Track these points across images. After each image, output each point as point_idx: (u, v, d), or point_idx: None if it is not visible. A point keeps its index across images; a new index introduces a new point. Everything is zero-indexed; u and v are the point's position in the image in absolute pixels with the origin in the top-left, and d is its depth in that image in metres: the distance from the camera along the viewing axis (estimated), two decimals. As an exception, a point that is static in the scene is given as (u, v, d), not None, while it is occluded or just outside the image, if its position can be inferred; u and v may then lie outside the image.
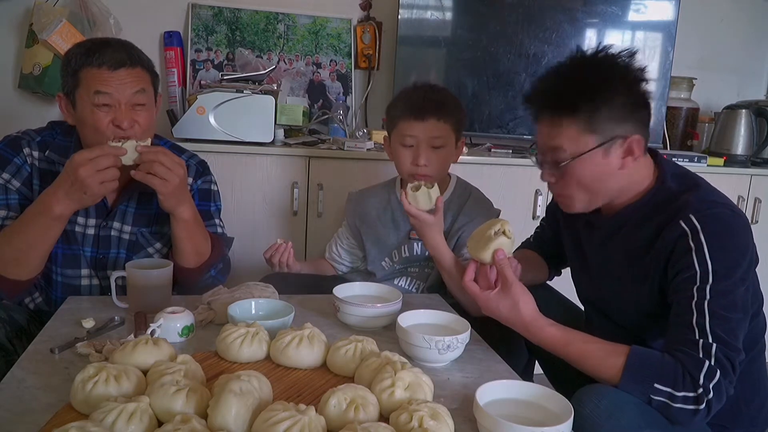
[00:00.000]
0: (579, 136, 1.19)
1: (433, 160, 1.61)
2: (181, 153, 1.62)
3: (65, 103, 1.46)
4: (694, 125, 2.88)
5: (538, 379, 1.31)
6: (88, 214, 1.52)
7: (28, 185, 1.48)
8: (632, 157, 1.20)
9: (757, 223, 2.61)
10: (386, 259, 1.78)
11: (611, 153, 1.20)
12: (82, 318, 1.26)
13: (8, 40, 2.38)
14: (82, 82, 1.40)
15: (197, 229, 1.50)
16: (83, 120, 1.42)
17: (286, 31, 2.60)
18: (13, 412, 0.92)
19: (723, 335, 1.07)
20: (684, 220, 1.14)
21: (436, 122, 1.59)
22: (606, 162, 1.20)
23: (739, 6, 3.02)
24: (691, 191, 1.19)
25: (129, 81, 1.41)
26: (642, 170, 1.25)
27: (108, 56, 1.39)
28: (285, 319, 1.23)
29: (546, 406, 0.97)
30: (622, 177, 1.23)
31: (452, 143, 1.65)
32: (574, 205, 1.28)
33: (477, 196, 1.75)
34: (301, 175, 2.21)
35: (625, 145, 1.20)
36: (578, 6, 2.59)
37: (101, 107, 1.40)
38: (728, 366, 1.07)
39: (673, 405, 1.05)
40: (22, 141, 1.49)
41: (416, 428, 0.86)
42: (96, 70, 1.39)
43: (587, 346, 1.16)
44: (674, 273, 1.15)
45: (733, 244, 1.13)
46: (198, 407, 0.89)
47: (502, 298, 1.22)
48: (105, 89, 1.39)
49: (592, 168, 1.20)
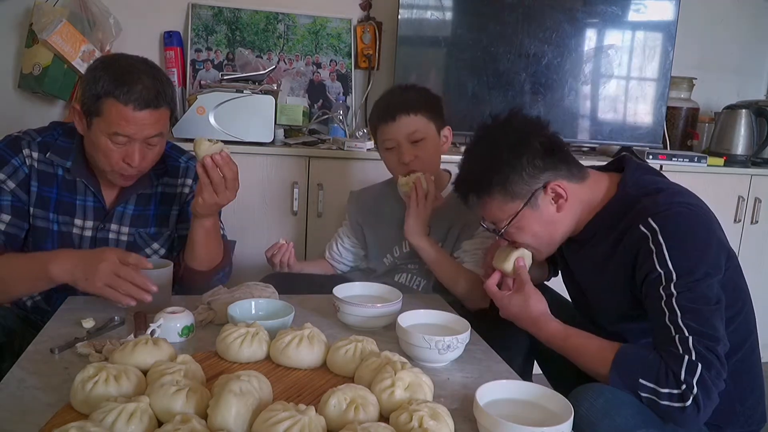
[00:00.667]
0: (504, 205, 1.29)
1: (417, 155, 1.63)
2: (181, 154, 1.62)
3: (79, 117, 1.42)
4: (694, 125, 2.88)
5: (537, 379, 1.32)
6: (86, 216, 1.51)
7: (24, 187, 1.46)
8: (563, 200, 1.27)
9: (757, 223, 2.61)
10: (387, 256, 1.78)
11: (540, 205, 1.27)
12: (82, 318, 1.25)
13: (8, 40, 2.38)
14: (103, 113, 1.36)
15: (215, 235, 1.52)
16: (95, 145, 1.41)
17: (286, 31, 2.60)
18: (13, 412, 0.92)
19: (697, 326, 1.09)
20: (643, 224, 1.18)
21: (407, 117, 1.62)
22: (540, 213, 1.28)
23: (739, 6, 3.02)
24: (650, 195, 1.23)
25: (150, 123, 1.38)
26: (588, 196, 1.30)
27: (137, 94, 1.34)
28: (285, 319, 1.23)
29: (546, 406, 0.97)
30: (566, 216, 1.30)
31: (433, 134, 1.66)
32: (541, 254, 1.37)
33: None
34: (301, 175, 2.21)
35: (549, 193, 1.26)
36: (578, 6, 2.59)
37: (117, 143, 1.38)
38: (710, 357, 1.07)
39: (660, 402, 1.07)
40: (23, 141, 1.47)
41: (416, 428, 0.86)
42: (122, 106, 1.34)
43: (583, 340, 1.22)
44: (642, 277, 1.18)
45: (692, 242, 1.16)
46: (198, 407, 0.89)
47: (515, 296, 1.32)
48: (125, 131, 1.36)
49: (532, 223, 1.29)
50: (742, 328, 1.26)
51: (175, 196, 1.60)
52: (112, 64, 1.39)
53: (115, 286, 1.24)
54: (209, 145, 1.35)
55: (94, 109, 1.37)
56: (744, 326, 1.28)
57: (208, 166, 1.35)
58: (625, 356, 1.13)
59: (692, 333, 1.08)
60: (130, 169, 1.41)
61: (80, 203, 1.51)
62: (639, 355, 1.13)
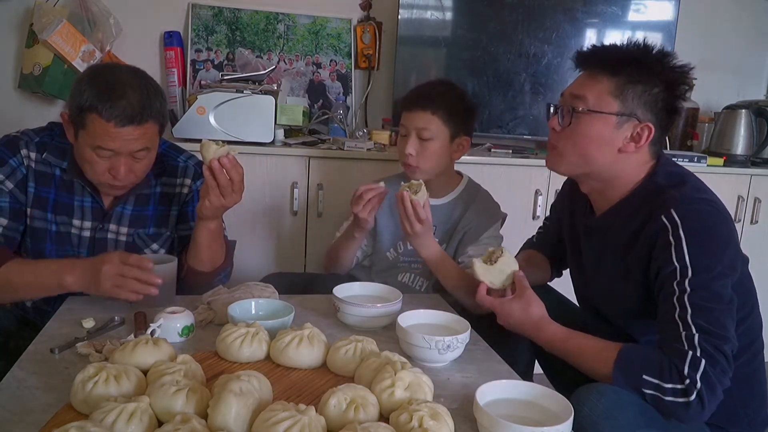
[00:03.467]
0: (606, 95, 1.23)
1: (419, 151, 1.64)
2: (179, 154, 1.62)
3: (67, 125, 1.42)
4: (694, 125, 2.87)
5: (538, 379, 1.31)
6: (84, 216, 1.51)
7: (22, 188, 1.46)
8: (635, 144, 1.23)
9: (757, 223, 2.61)
10: (391, 249, 1.79)
11: (621, 128, 1.23)
12: (82, 318, 1.26)
13: (8, 40, 2.38)
14: (87, 126, 1.35)
15: (219, 237, 1.51)
16: (81, 156, 1.40)
17: (286, 31, 2.60)
18: (13, 412, 0.92)
19: (706, 325, 1.08)
20: (666, 215, 1.16)
21: (423, 113, 1.64)
22: (611, 134, 1.23)
23: (739, 6, 3.02)
24: (677, 187, 1.21)
25: (134, 138, 1.36)
26: (636, 165, 1.27)
27: (119, 110, 1.32)
28: (285, 319, 1.23)
29: (546, 406, 0.97)
30: (615, 158, 1.25)
31: (444, 139, 1.66)
32: (561, 162, 1.31)
33: (485, 198, 1.77)
34: (301, 175, 2.21)
35: (637, 128, 1.23)
36: (578, 6, 2.59)
37: (101, 157, 1.38)
38: (716, 355, 1.07)
39: (664, 398, 1.06)
40: (21, 142, 1.47)
41: (416, 428, 0.86)
42: (104, 122, 1.32)
43: (584, 341, 1.21)
44: (656, 269, 1.17)
45: (712, 240, 1.14)
46: (198, 407, 0.89)
47: (514, 302, 1.30)
48: (107, 146, 1.35)
49: (598, 131, 1.23)
50: (748, 332, 1.26)
51: (174, 196, 1.60)
52: (98, 76, 1.38)
53: (122, 285, 1.26)
54: (216, 148, 1.34)
55: (79, 121, 1.36)
56: (751, 330, 1.27)
57: (215, 169, 1.35)
58: (628, 354, 1.12)
59: (699, 331, 1.08)
60: (116, 181, 1.41)
61: (78, 203, 1.51)
62: (641, 353, 1.13)
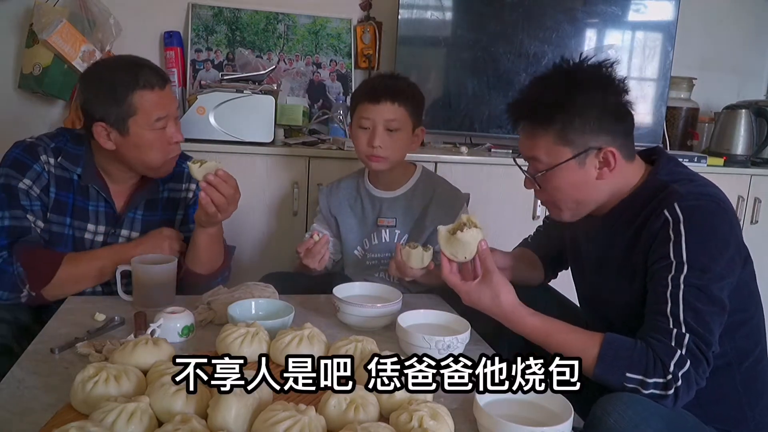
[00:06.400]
0: (553, 147, 1.21)
1: (387, 143, 1.66)
2: (184, 160, 1.62)
3: (107, 133, 1.44)
4: (694, 125, 2.88)
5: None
6: (98, 221, 1.53)
7: (46, 192, 1.49)
8: (608, 169, 1.22)
9: (757, 223, 2.61)
10: (358, 248, 1.81)
11: (586, 164, 1.21)
12: (90, 314, 1.27)
13: (8, 40, 2.38)
14: (137, 109, 1.42)
15: (218, 240, 1.54)
16: (139, 145, 1.45)
17: (286, 31, 2.60)
18: (13, 412, 0.92)
19: (697, 327, 1.08)
20: (668, 208, 1.15)
21: (391, 105, 1.66)
22: (582, 173, 1.22)
23: (739, 6, 3.01)
24: (682, 182, 1.20)
25: (172, 96, 1.51)
26: (626, 177, 1.26)
27: (151, 75, 1.44)
28: (285, 319, 1.23)
29: (546, 406, 0.97)
30: (602, 186, 1.24)
31: (408, 129, 1.70)
32: (560, 214, 1.31)
33: (444, 187, 1.80)
34: (301, 175, 2.21)
35: (600, 156, 1.21)
36: (578, 6, 2.59)
37: (155, 128, 1.45)
38: (701, 357, 1.08)
39: (644, 391, 1.07)
40: (39, 147, 1.49)
41: (416, 428, 0.86)
42: (149, 92, 1.43)
43: (566, 336, 1.17)
44: (652, 261, 1.17)
45: (712, 240, 1.13)
46: (198, 407, 0.89)
47: (483, 288, 1.23)
48: (162, 113, 1.45)
49: (569, 178, 1.23)
50: (753, 334, 1.25)
51: (179, 200, 1.63)
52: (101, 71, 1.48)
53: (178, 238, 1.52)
54: (198, 169, 1.36)
55: (123, 114, 1.42)
56: (755, 332, 1.27)
57: (206, 190, 1.38)
58: (611, 351, 1.11)
59: (689, 331, 1.08)
60: (177, 147, 1.52)
61: (93, 209, 1.53)
62: (625, 348, 1.11)
